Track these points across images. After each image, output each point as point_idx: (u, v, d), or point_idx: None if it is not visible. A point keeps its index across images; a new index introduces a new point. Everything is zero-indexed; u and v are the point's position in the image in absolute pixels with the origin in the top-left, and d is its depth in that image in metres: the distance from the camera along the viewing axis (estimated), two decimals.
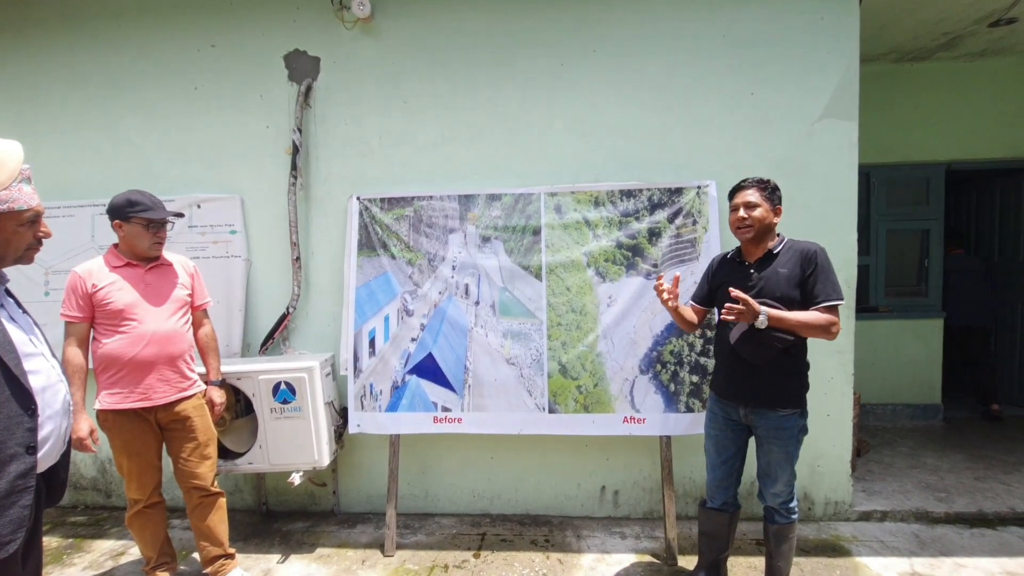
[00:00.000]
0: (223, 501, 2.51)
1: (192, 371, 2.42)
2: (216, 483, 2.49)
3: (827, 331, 2.01)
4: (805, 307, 2.06)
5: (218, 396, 2.53)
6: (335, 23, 3.11)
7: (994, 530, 2.91)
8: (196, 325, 2.53)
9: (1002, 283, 4.95)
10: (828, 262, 2.07)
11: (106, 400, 2.24)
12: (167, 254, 2.44)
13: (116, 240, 2.33)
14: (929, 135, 4.39)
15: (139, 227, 2.25)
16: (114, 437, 2.28)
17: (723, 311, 2.03)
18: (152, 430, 2.32)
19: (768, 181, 2.16)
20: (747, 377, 2.12)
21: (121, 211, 2.24)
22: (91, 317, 2.24)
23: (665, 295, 2.21)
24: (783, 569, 2.25)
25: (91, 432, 2.21)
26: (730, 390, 2.20)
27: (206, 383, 2.51)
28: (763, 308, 1.99)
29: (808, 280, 2.06)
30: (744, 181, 2.18)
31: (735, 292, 2.00)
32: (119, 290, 2.24)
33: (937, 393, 4.62)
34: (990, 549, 2.73)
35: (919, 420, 4.59)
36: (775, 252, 2.13)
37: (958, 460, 3.75)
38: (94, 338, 2.28)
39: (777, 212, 2.14)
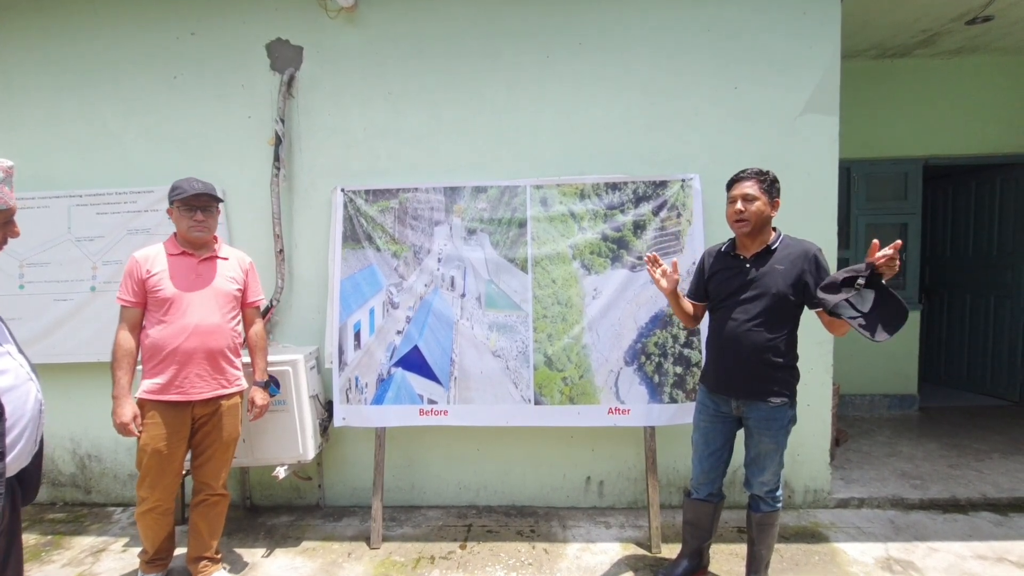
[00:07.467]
0: (225, 505, 2.47)
1: (236, 368, 2.39)
2: (225, 486, 2.45)
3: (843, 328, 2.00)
4: (799, 306, 2.06)
5: (260, 397, 2.48)
6: (318, 12, 3.07)
7: (966, 515, 3.00)
8: (247, 323, 2.51)
9: (977, 277, 5.08)
10: (827, 263, 2.06)
11: (146, 389, 2.22)
12: (227, 248, 2.44)
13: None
14: (908, 131, 4.47)
15: (179, 211, 2.28)
16: (145, 429, 2.23)
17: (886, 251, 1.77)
18: (185, 429, 2.28)
19: (767, 172, 2.07)
20: (739, 370, 2.10)
21: (168, 198, 2.30)
22: (144, 303, 2.24)
23: (658, 274, 2.22)
24: (765, 555, 2.29)
25: (134, 417, 2.19)
26: (722, 383, 2.18)
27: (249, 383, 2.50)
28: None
29: (808, 280, 2.01)
30: (743, 172, 2.09)
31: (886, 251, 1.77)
32: (170, 278, 2.23)
33: (914, 383, 4.73)
34: (962, 534, 2.82)
35: (896, 410, 4.70)
36: (772, 248, 2.08)
37: (933, 449, 3.85)
38: (143, 326, 2.26)
39: (775, 205, 2.08)
